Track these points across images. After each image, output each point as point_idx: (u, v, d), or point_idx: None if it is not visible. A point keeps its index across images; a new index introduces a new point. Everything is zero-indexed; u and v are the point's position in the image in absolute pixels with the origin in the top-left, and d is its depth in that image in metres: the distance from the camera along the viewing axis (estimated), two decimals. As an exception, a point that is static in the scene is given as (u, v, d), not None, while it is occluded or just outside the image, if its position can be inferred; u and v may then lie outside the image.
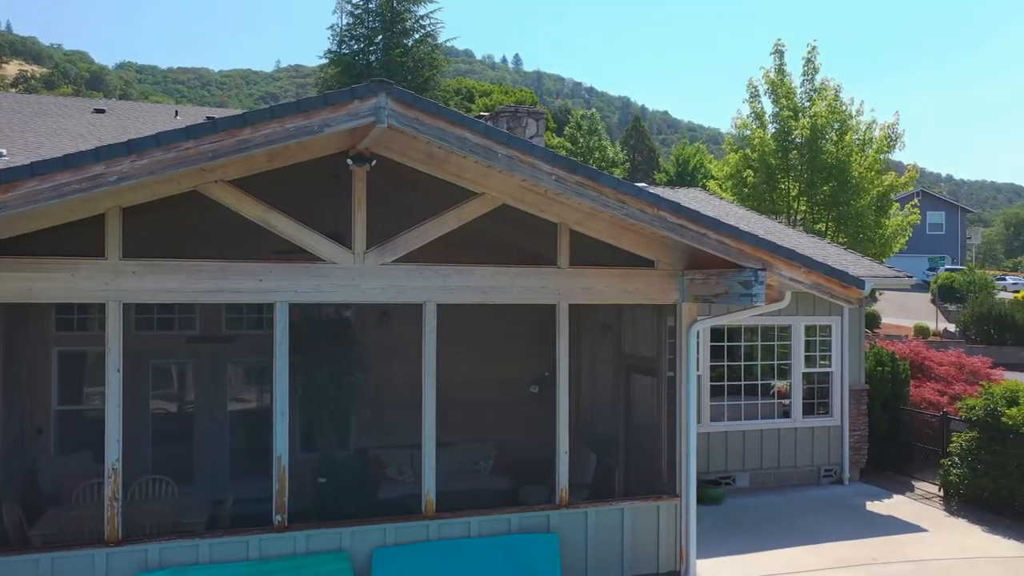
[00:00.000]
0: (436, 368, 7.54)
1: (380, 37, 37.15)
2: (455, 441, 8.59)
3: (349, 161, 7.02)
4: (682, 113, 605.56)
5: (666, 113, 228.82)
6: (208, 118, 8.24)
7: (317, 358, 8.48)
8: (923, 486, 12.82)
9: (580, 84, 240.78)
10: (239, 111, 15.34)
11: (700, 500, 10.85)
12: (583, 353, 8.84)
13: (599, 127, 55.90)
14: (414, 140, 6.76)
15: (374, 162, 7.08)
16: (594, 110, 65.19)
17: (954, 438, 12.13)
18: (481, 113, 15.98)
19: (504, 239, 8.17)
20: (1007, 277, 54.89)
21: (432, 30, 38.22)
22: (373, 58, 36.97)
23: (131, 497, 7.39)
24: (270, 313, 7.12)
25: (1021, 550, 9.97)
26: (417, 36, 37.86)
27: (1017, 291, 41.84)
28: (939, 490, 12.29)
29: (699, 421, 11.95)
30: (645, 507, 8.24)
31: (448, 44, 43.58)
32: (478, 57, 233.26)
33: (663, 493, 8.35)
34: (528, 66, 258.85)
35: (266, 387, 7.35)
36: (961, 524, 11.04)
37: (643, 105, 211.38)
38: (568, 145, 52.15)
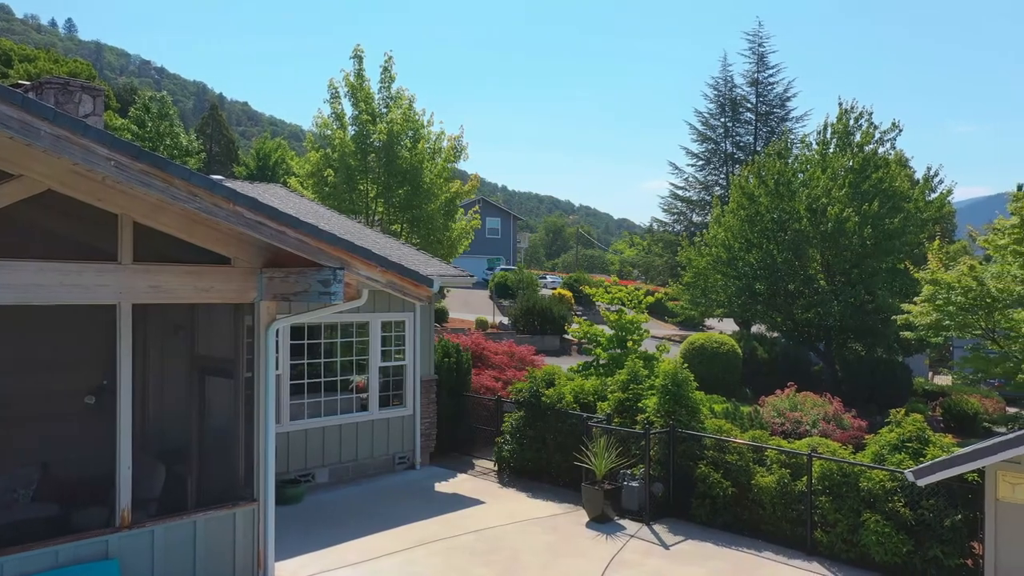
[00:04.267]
0: (-44, 383, 6.26)
1: None
2: (-16, 469, 7.22)
3: None
4: (263, 106, 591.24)
5: (246, 104, 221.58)
6: None
7: None
8: (483, 463, 14.37)
9: (149, 63, 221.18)
10: None
11: (280, 501, 10.72)
12: (150, 357, 8.09)
13: (171, 112, 51.73)
14: (-77, 105, 5.51)
15: None
16: (165, 93, 60.25)
17: (506, 418, 13.83)
18: (21, 82, 13.63)
19: (52, 230, 7.09)
20: (547, 276, 64.22)
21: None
22: None
23: None
24: None
25: (555, 509, 11.77)
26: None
27: (554, 288, 49.22)
28: (495, 465, 13.90)
29: (279, 421, 11.82)
30: (220, 516, 7.87)
31: (-24, -6, 36.32)
32: (19, 16, 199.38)
33: (240, 499, 8.06)
34: (85, 35, 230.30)
35: None
36: (511, 493, 12.62)
37: (221, 93, 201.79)
38: (134, 128, 47.34)
